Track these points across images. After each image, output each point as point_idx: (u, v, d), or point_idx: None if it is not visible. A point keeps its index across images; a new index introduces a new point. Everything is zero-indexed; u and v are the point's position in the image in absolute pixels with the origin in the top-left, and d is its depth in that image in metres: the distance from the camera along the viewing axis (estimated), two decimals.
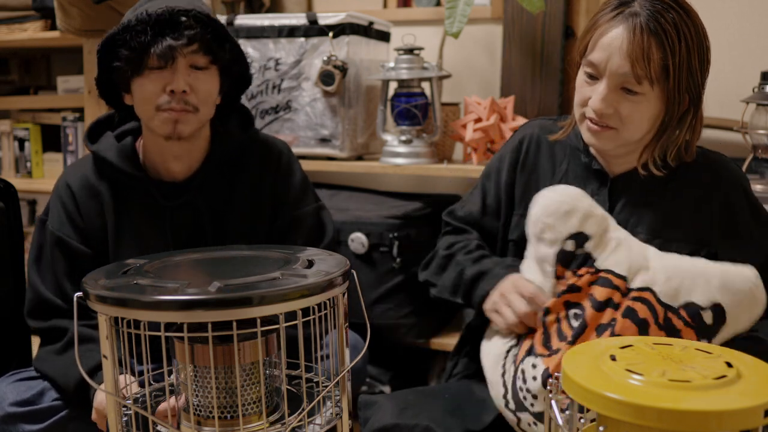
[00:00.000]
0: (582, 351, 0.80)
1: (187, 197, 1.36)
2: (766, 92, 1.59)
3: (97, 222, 1.36)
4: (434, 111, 1.91)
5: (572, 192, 1.22)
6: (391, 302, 1.87)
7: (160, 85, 1.27)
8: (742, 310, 1.13)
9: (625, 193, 1.27)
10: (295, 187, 1.45)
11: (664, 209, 1.25)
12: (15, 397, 1.30)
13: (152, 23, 1.24)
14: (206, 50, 1.29)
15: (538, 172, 1.34)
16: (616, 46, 1.15)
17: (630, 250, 1.19)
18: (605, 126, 1.19)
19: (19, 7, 2.40)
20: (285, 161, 1.46)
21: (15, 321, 1.50)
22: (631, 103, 1.17)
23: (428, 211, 1.93)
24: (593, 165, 1.29)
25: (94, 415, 1.21)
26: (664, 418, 0.66)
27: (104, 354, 0.87)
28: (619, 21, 1.15)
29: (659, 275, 1.15)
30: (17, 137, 2.65)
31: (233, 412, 0.88)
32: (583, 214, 1.19)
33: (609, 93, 1.17)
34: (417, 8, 2.23)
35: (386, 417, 1.25)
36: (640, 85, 1.15)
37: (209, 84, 1.31)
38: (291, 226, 1.43)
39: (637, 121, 1.18)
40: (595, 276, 1.17)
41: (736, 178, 1.27)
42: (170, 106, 1.27)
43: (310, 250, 1.03)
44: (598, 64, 1.17)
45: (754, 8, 1.90)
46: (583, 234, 1.19)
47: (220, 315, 0.79)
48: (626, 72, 1.14)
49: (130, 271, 0.94)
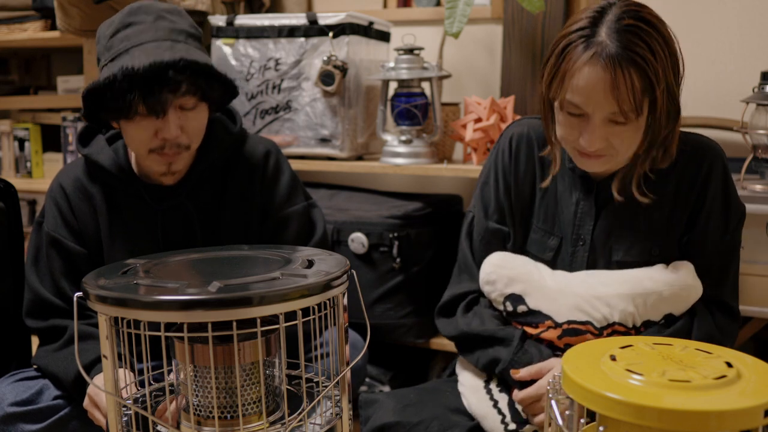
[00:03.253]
0: (582, 351, 0.80)
1: (177, 200, 1.37)
2: (766, 92, 1.59)
3: (90, 223, 1.37)
4: (434, 111, 1.91)
5: (497, 260, 1.29)
6: (391, 302, 1.87)
7: (151, 131, 1.26)
8: (686, 306, 1.23)
9: (611, 200, 1.26)
10: (283, 186, 1.45)
11: (649, 211, 1.24)
12: (14, 397, 1.30)
13: (139, 78, 1.19)
14: (195, 92, 1.26)
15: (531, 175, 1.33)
16: (598, 89, 1.09)
17: (576, 295, 1.23)
18: (598, 155, 1.18)
19: (19, 7, 2.40)
20: (273, 161, 1.45)
21: (15, 322, 1.50)
22: (621, 130, 1.14)
23: (428, 211, 1.93)
24: (579, 171, 1.28)
25: (86, 401, 1.21)
26: (664, 418, 0.66)
27: (104, 354, 0.87)
28: (592, 60, 1.09)
29: (616, 307, 1.21)
30: (17, 137, 2.65)
31: (233, 412, 0.88)
32: (508, 277, 1.27)
33: (599, 129, 1.13)
34: (417, 8, 2.23)
35: (387, 415, 1.25)
36: (628, 118, 1.12)
37: (199, 120, 1.31)
38: (279, 225, 1.43)
39: (627, 145, 1.16)
40: (559, 329, 1.23)
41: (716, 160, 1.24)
42: (163, 152, 1.28)
43: (310, 250, 1.03)
44: (581, 105, 1.13)
45: (754, 8, 1.90)
46: (513, 295, 1.27)
47: (220, 315, 0.79)
48: (614, 110, 1.11)
49: (129, 271, 0.94)
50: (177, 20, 1.28)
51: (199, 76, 1.24)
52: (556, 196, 1.30)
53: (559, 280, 1.25)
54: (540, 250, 1.31)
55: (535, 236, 1.32)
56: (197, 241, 1.38)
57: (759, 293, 1.54)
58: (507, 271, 1.27)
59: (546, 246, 1.31)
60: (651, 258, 1.24)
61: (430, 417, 1.24)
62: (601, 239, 1.27)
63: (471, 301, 1.35)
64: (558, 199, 1.30)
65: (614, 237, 1.26)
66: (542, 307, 1.24)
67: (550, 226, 1.31)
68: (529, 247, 1.33)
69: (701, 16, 1.95)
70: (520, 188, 1.33)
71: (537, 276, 1.26)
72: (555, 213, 1.30)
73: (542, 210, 1.31)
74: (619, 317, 1.21)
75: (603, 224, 1.26)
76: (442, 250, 1.93)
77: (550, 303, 1.24)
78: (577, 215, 1.28)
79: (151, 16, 1.25)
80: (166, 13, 1.27)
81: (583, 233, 1.28)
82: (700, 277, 1.23)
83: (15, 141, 2.65)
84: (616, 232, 1.26)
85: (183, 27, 1.27)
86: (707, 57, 1.95)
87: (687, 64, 1.18)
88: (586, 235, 1.27)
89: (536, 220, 1.32)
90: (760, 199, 1.52)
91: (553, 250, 1.30)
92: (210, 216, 1.39)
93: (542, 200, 1.32)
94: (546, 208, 1.31)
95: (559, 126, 1.20)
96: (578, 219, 1.28)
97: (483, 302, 1.34)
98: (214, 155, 1.39)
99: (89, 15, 2.16)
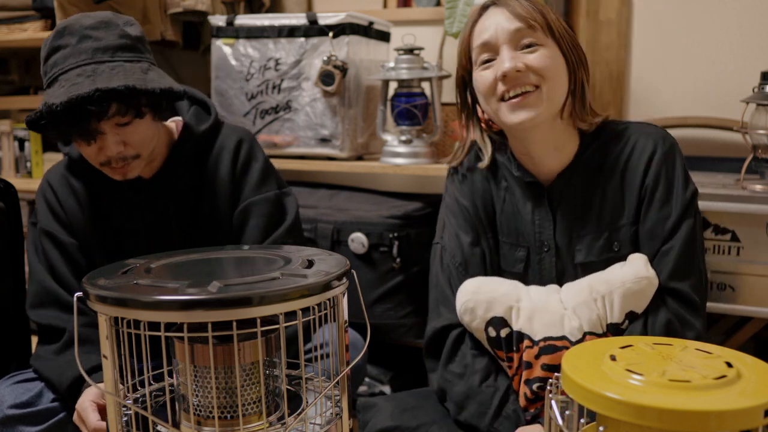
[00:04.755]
0: (582, 351, 0.80)
1: (154, 192, 1.42)
2: (766, 92, 1.58)
3: (77, 215, 1.42)
4: (434, 111, 1.91)
5: (472, 287, 1.26)
6: (391, 302, 1.87)
7: (95, 149, 1.30)
8: (646, 300, 1.21)
9: (563, 202, 1.27)
10: (254, 173, 1.47)
11: (602, 199, 1.25)
12: (13, 399, 1.30)
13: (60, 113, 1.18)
14: (125, 112, 1.25)
15: (487, 194, 1.34)
16: (500, 18, 1.19)
17: (550, 311, 1.22)
18: (524, 92, 1.18)
19: (19, 7, 2.40)
20: (245, 149, 1.47)
21: (15, 322, 1.51)
22: (536, 54, 1.17)
23: (428, 211, 1.93)
24: (525, 178, 1.28)
25: (75, 416, 1.23)
26: (664, 418, 0.66)
27: (104, 354, 0.87)
28: (484, 8, 1.23)
29: (582, 316, 1.20)
30: (17, 137, 2.65)
31: (233, 412, 0.88)
32: (487, 302, 1.24)
33: (512, 53, 1.18)
34: (417, 8, 2.23)
35: (385, 419, 1.25)
36: (536, 33, 1.17)
37: (140, 133, 1.30)
38: (247, 211, 1.45)
39: (552, 68, 1.17)
40: (536, 348, 1.21)
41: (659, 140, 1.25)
42: (112, 166, 1.31)
43: (310, 250, 1.03)
44: (490, 38, 1.19)
45: (754, 8, 1.90)
46: (495, 318, 1.24)
47: (220, 315, 0.79)
48: (519, 26, 1.17)
49: (130, 271, 0.94)
50: (103, 36, 1.24)
51: (126, 96, 1.21)
52: (513, 208, 1.31)
53: (534, 299, 1.24)
54: (510, 264, 1.31)
55: (503, 251, 1.32)
56: (172, 233, 1.43)
57: (759, 293, 1.54)
58: (484, 295, 1.24)
59: (515, 258, 1.31)
60: (613, 254, 1.24)
61: (428, 422, 1.24)
62: (564, 242, 1.27)
63: (456, 339, 1.32)
64: (515, 210, 1.31)
65: (575, 238, 1.26)
66: (523, 327, 1.22)
67: (514, 238, 1.31)
68: (501, 263, 1.32)
69: (701, 16, 1.95)
70: (482, 208, 1.33)
71: (515, 296, 1.24)
72: (515, 224, 1.31)
73: (504, 224, 1.32)
74: (588, 326, 1.20)
75: (561, 227, 1.27)
76: None
77: (527, 322, 1.22)
78: (536, 222, 1.28)
79: (75, 37, 1.23)
80: (91, 30, 1.24)
81: (545, 239, 1.28)
82: (655, 266, 1.21)
83: (15, 141, 2.65)
84: (575, 233, 1.26)
85: (109, 42, 1.24)
86: (707, 57, 1.95)
87: (687, 64, 1.18)
88: (548, 240, 1.28)
89: (501, 235, 1.32)
90: (760, 199, 1.52)
91: (522, 261, 1.30)
92: (186, 206, 1.44)
93: (502, 215, 1.32)
94: (507, 221, 1.31)
95: (479, 89, 1.23)
96: (537, 226, 1.28)
97: (468, 342, 1.30)
98: (187, 147, 1.43)
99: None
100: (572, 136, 1.27)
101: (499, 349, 1.25)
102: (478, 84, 1.23)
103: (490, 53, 1.20)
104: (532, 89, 1.17)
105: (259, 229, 1.44)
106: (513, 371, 1.25)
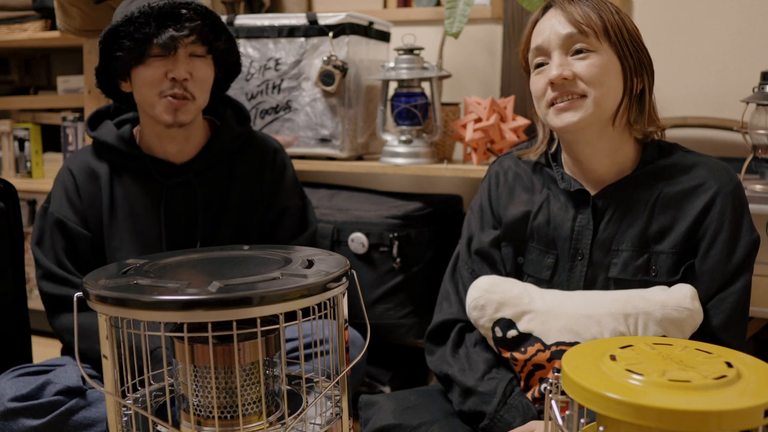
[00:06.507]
0: (582, 351, 0.80)
1: (184, 178, 1.46)
2: (766, 92, 1.59)
3: (95, 203, 1.45)
4: (434, 111, 1.91)
5: (485, 285, 1.26)
6: (391, 302, 1.87)
7: (162, 72, 1.36)
8: (682, 332, 1.17)
9: (609, 209, 1.24)
10: (287, 183, 1.57)
11: (649, 220, 1.22)
12: (14, 393, 1.30)
13: (155, 15, 1.32)
14: (204, 40, 1.39)
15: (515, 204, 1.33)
16: (554, 22, 1.19)
17: (567, 316, 1.20)
18: (571, 98, 1.17)
19: (19, 7, 2.41)
20: (280, 158, 1.58)
21: (15, 320, 1.51)
22: (586, 62, 1.16)
23: (428, 211, 1.93)
24: (572, 187, 1.26)
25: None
26: (664, 418, 0.66)
27: (104, 354, 0.87)
28: (546, 8, 1.22)
29: (606, 326, 1.18)
30: (17, 137, 2.65)
31: (233, 412, 0.88)
32: (498, 302, 1.24)
33: (562, 59, 1.18)
34: (417, 8, 2.23)
35: (387, 417, 1.25)
36: (589, 39, 1.16)
37: (206, 71, 1.42)
38: (280, 216, 1.55)
39: (599, 77, 1.16)
40: (548, 352, 1.21)
41: (728, 181, 1.21)
42: (172, 92, 1.37)
43: (310, 250, 1.03)
44: (543, 42, 1.19)
45: (754, 8, 1.90)
46: (503, 320, 1.24)
47: (220, 315, 0.79)
48: (571, 32, 1.16)
49: (130, 271, 0.94)
50: None
51: (207, 26, 1.38)
52: (549, 215, 1.29)
53: (549, 301, 1.22)
54: (537, 270, 1.29)
55: (531, 255, 1.30)
56: (197, 225, 1.46)
57: (759, 293, 1.54)
58: (496, 295, 1.24)
59: (543, 264, 1.29)
60: (649, 278, 1.21)
61: (430, 420, 1.24)
62: (601, 253, 1.24)
63: (461, 331, 1.33)
64: (551, 217, 1.28)
65: (613, 251, 1.23)
66: (533, 330, 1.22)
67: (545, 245, 1.29)
68: (526, 268, 1.31)
69: (701, 16, 1.95)
70: (510, 214, 1.32)
71: (527, 299, 1.23)
72: (548, 231, 1.28)
73: (535, 231, 1.30)
74: (610, 337, 1.17)
75: (601, 237, 1.24)
76: (442, 250, 1.93)
77: (540, 325, 1.21)
78: (575, 230, 1.26)
79: None
80: None
81: (581, 247, 1.25)
82: (708, 309, 1.18)
83: (15, 141, 2.65)
84: (614, 246, 1.23)
85: None
86: (707, 57, 1.95)
87: (687, 64, 1.18)
88: (584, 250, 1.25)
89: (530, 241, 1.31)
90: (760, 199, 1.52)
91: (550, 268, 1.28)
92: (214, 199, 1.48)
93: (534, 221, 1.30)
94: (539, 228, 1.29)
95: (532, 93, 1.24)
96: (576, 233, 1.26)
97: (472, 338, 1.31)
98: (224, 140, 1.49)
99: (89, 15, 2.16)
100: (628, 147, 1.24)
101: (504, 349, 1.25)
102: (531, 88, 1.24)
103: (544, 57, 1.20)
104: (578, 97, 1.17)
105: (290, 231, 1.54)
106: (518, 369, 1.25)
